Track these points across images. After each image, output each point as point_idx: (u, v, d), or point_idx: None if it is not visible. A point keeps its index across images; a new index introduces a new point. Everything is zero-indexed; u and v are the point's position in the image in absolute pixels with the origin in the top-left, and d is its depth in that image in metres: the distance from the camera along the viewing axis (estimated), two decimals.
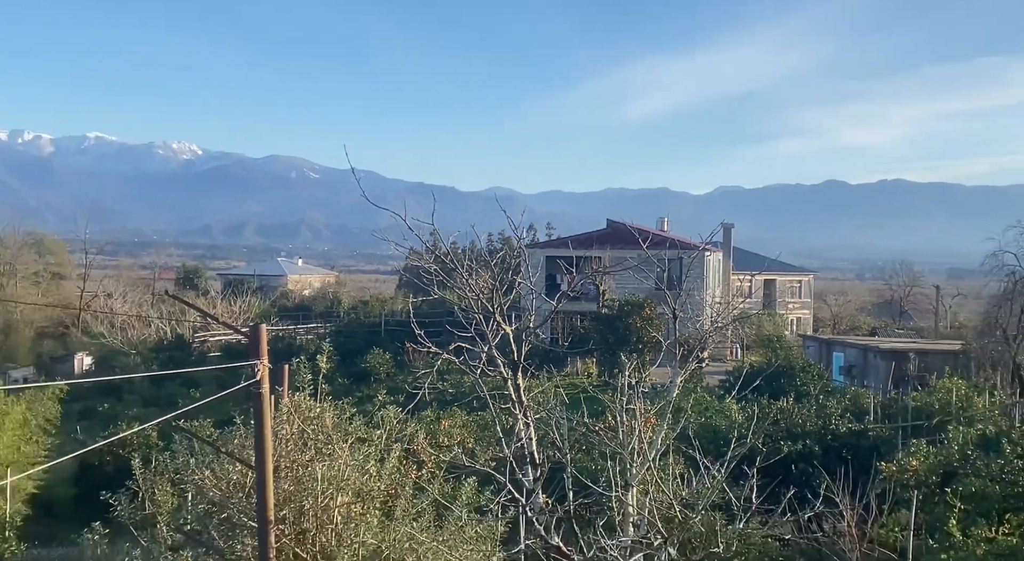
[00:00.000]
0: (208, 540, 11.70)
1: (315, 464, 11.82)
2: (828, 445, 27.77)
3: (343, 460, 11.97)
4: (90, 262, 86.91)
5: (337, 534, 11.44)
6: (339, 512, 11.58)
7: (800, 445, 26.91)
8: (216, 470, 12.36)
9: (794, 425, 28.86)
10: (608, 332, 53.24)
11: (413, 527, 11.76)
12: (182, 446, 13.22)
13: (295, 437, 12.16)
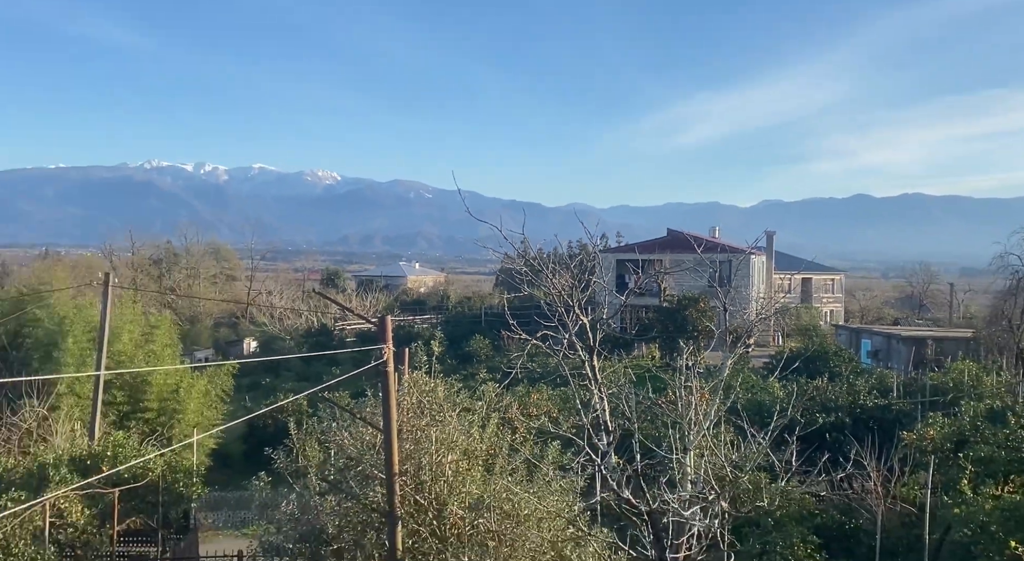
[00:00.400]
0: (347, 488, 11.97)
1: (430, 428, 11.99)
2: (857, 417, 27.22)
3: (452, 425, 12.12)
4: (254, 266, 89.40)
5: (448, 485, 11.59)
6: (449, 467, 11.73)
7: (833, 417, 26.39)
8: (352, 432, 12.65)
9: (827, 400, 28.33)
10: (668, 322, 52.76)
11: (509, 481, 11.84)
12: (326, 413, 13.52)
13: (414, 406, 12.36)
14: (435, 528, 11.39)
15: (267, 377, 48.27)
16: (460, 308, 74.98)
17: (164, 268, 78.47)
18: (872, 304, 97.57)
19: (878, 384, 33.18)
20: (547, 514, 11.58)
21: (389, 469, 11.13)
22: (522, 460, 12.60)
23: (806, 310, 72.33)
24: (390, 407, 11.27)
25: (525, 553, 11.16)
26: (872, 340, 56.96)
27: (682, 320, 51.58)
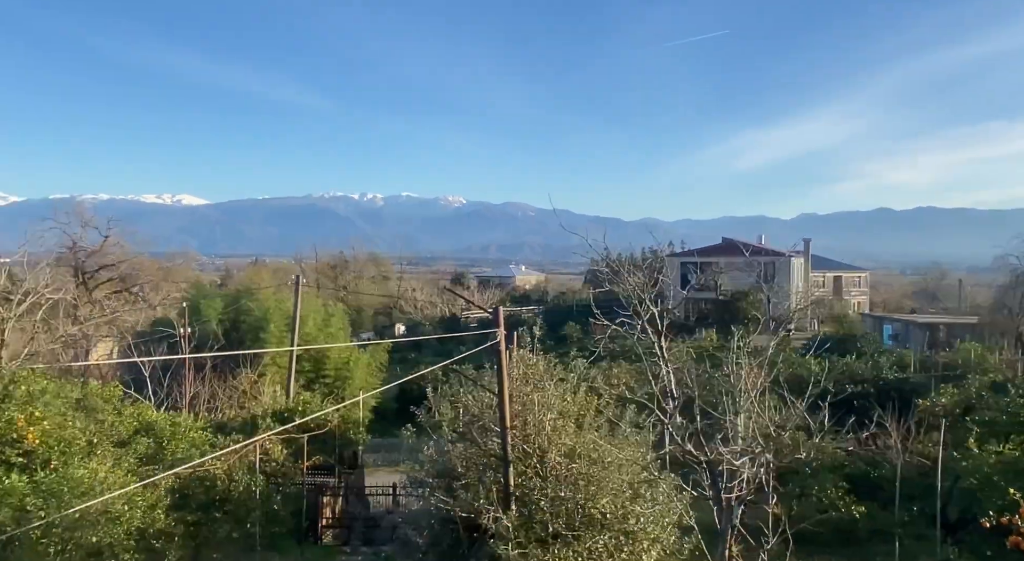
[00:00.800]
0: (471, 438, 12.08)
1: (533, 393, 11.98)
2: (880, 387, 25.82)
3: (550, 391, 12.08)
4: (402, 270, 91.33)
5: (547, 437, 11.55)
6: (548, 424, 11.69)
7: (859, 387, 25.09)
8: (475, 396, 12.75)
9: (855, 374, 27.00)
10: (723, 312, 51.19)
11: (595, 435, 11.73)
12: (455, 381, 13.69)
13: (521, 377, 12.36)
14: (538, 470, 11.37)
15: (412, 353, 49.03)
16: (556, 301, 74.70)
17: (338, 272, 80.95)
18: (893, 296, 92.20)
19: (898, 361, 31.47)
20: (626, 461, 11.41)
21: (503, 424, 11.17)
22: (605, 420, 12.46)
23: (837, 301, 68.98)
24: (503, 377, 11.31)
25: (608, 491, 11.02)
26: (893, 326, 53.85)
27: (735, 310, 49.96)
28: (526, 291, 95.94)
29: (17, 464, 13.56)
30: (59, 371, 25.93)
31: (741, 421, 11.86)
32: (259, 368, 29.65)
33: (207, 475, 15.81)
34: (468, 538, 11.29)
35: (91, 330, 34.44)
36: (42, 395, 15.01)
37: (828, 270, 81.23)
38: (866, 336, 43.14)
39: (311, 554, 18.76)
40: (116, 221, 46.96)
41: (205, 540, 15.47)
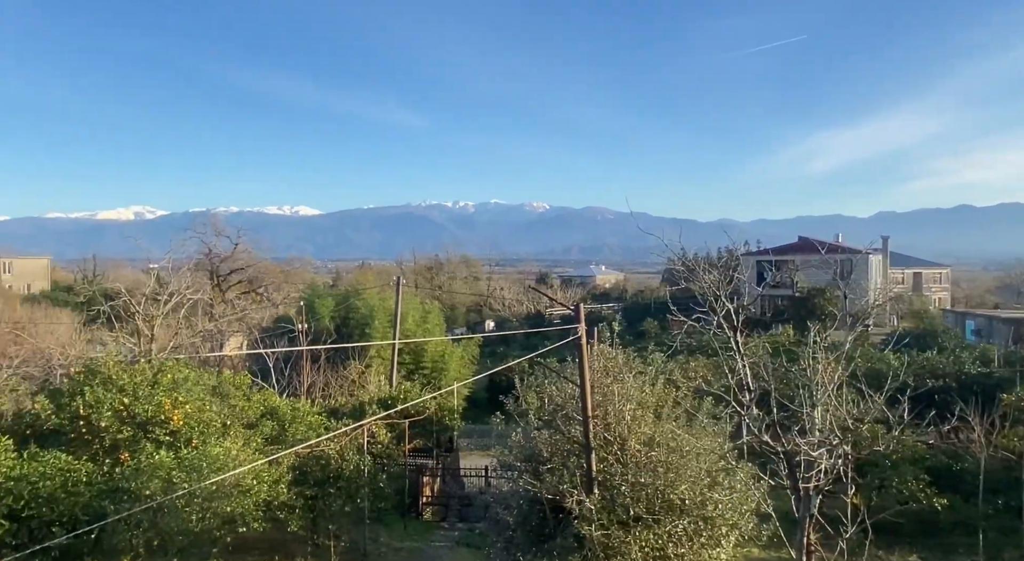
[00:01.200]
0: (556, 425, 12.05)
1: (613, 385, 11.82)
2: (962, 382, 23.99)
3: (629, 383, 11.88)
4: (491, 271, 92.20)
5: (627, 426, 11.38)
6: (628, 413, 11.51)
7: (940, 382, 23.45)
8: (558, 386, 12.70)
9: (936, 368, 25.21)
10: (800, 308, 48.88)
11: (673, 425, 11.46)
12: (540, 373, 13.68)
13: (601, 369, 12.23)
14: (619, 457, 11.22)
15: (501, 347, 49.37)
16: (635, 299, 73.55)
17: (433, 273, 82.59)
18: (975, 292, 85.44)
19: (980, 356, 29.14)
20: (703, 450, 11.09)
21: (584, 413, 11.09)
22: (683, 410, 12.16)
23: (917, 297, 64.59)
24: (584, 369, 11.22)
25: (687, 478, 10.74)
26: (975, 321, 49.93)
27: (811, 306, 47.64)
28: (606, 290, 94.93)
29: (164, 442, 14.54)
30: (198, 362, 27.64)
31: (818, 413, 11.29)
32: (366, 360, 30.63)
33: (322, 455, 16.45)
34: (554, 518, 11.26)
35: (224, 326, 36.55)
36: (184, 382, 16.02)
37: (907, 267, 76.30)
38: (947, 331, 40.29)
39: (413, 528, 19.23)
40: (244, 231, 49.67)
41: (321, 512, 16.12)
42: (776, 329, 48.43)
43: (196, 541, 12.99)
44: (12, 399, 19.22)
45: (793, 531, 11.39)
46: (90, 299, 38.49)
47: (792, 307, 50.56)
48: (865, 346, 32.30)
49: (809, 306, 47.82)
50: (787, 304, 52.63)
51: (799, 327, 44.55)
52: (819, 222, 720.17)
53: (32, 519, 12.47)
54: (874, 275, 60.75)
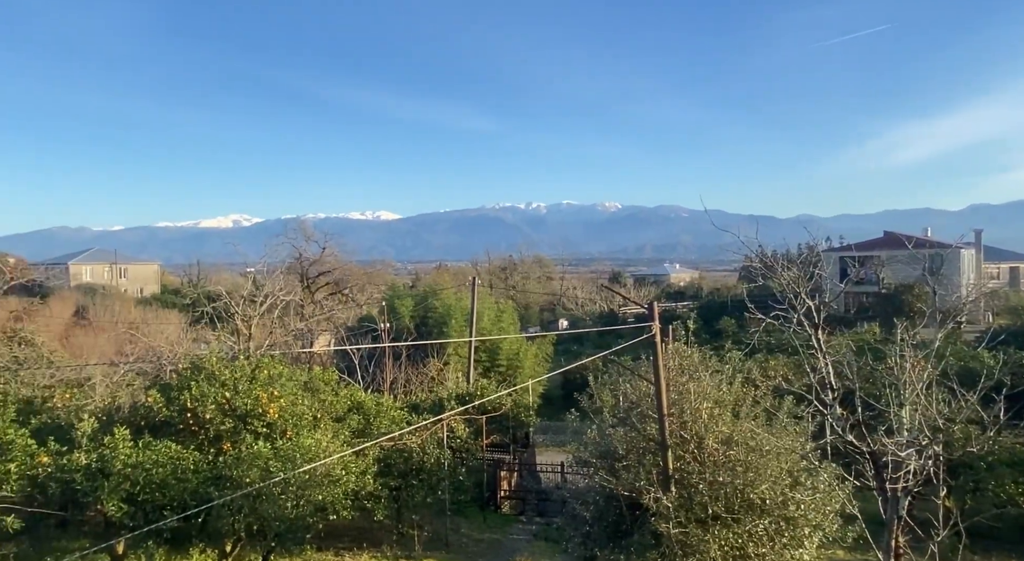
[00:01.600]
0: (631, 423, 11.89)
1: (689, 383, 11.56)
2: None
3: (706, 381, 11.59)
4: (564, 270, 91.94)
5: (704, 425, 11.09)
6: (705, 412, 11.22)
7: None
8: (632, 384, 12.52)
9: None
10: (886, 305, 46.36)
11: (752, 424, 11.09)
12: (614, 370, 13.53)
13: (677, 367, 11.98)
14: (695, 455, 10.95)
15: (574, 345, 49.19)
16: (711, 297, 71.49)
17: (507, 273, 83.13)
18: None
19: None
20: (784, 449, 10.67)
21: (660, 411, 10.89)
22: (762, 409, 11.73)
23: (1015, 293, 59.96)
24: (659, 366, 11.02)
25: (767, 478, 10.37)
26: None
27: (898, 303, 45.08)
28: (680, 288, 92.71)
29: (262, 433, 15.26)
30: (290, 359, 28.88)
31: (906, 413, 10.65)
32: (444, 358, 31.17)
33: (405, 448, 16.86)
34: (631, 515, 11.11)
35: (314, 325, 38.05)
36: (279, 378, 16.75)
37: (1002, 261, 71.04)
38: None
39: (492, 521, 19.43)
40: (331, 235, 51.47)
41: (405, 503, 16.54)
42: (860, 327, 46.11)
43: (291, 527, 13.58)
44: (129, 393, 20.64)
45: (880, 534, 10.80)
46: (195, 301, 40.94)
47: (878, 304, 48.04)
48: (957, 344, 30.20)
49: (896, 303, 45.28)
50: (872, 301, 50.04)
51: (885, 325, 42.18)
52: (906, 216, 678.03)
53: (147, 503, 13.35)
54: (967, 270, 56.83)
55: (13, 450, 13.32)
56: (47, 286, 59.15)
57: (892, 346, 10.43)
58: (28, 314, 40.09)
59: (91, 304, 48.18)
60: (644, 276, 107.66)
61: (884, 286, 50.70)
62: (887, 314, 44.04)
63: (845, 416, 10.33)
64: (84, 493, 12.95)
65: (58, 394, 18.23)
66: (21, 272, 44.14)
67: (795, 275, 11.20)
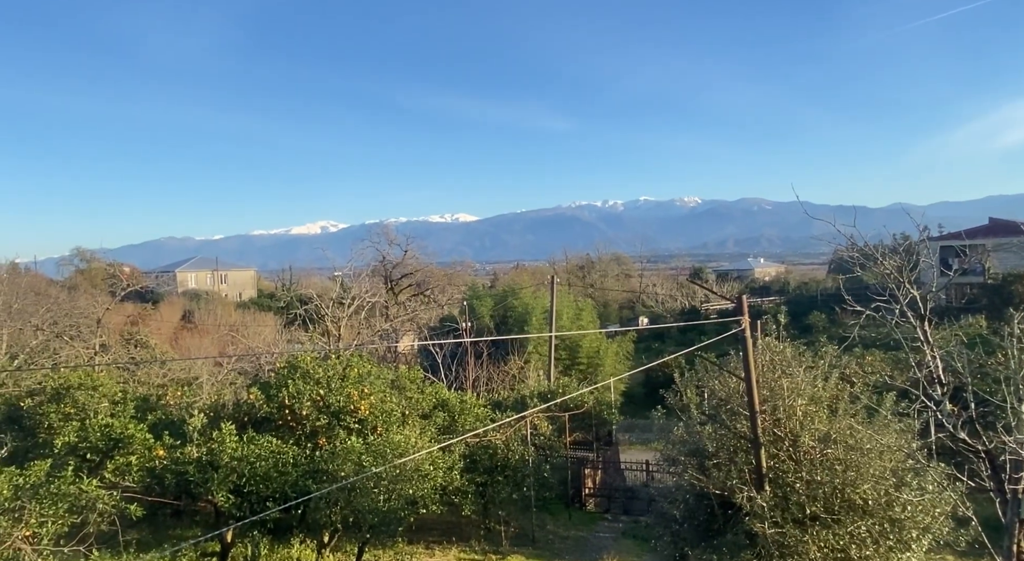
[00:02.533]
0: (721, 420, 11.59)
1: (782, 379, 11.13)
2: None
3: (799, 377, 11.13)
4: (643, 267, 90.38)
5: (799, 422, 10.66)
6: (800, 409, 10.78)
7: None
8: (720, 381, 12.19)
9: None
10: (994, 296, 42.97)
11: (851, 421, 10.55)
12: (701, 366, 13.21)
13: (768, 363, 11.57)
14: (791, 454, 10.54)
15: (655, 343, 48.49)
16: (799, 291, 68.50)
17: (585, 271, 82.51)
18: None
19: None
20: (887, 447, 10.09)
21: (751, 407, 10.54)
22: (862, 406, 11.14)
23: None
24: (749, 362, 10.67)
25: (869, 477, 9.85)
26: None
27: (1007, 294, 41.70)
28: (766, 283, 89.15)
29: (354, 429, 15.86)
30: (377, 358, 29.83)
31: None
32: (524, 356, 31.34)
33: (490, 444, 17.07)
34: (722, 514, 10.82)
35: (398, 325, 39.17)
36: (368, 376, 17.35)
37: None
38: None
39: (577, 518, 19.38)
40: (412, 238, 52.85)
41: (491, 498, 16.75)
42: (965, 319, 42.89)
43: (384, 520, 14.02)
44: (232, 391, 21.94)
45: (997, 538, 10.02)
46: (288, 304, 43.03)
47: (984, 295, 44.57)
48: None
49: (1005, 294, 41.91)
50: (978, 292, 46.47)
51: (992, 316, 39.08)
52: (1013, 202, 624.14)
53: (252, 494, 14.14)
54: None
55: (133, 443, 14.43)
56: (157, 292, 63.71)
57: (1008, 337, 9.66)
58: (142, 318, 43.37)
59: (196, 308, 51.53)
60: (727, 271, 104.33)
61: (991, 276, 46.97)
62: (994, 305, 40.79)
63: (956, 412, 9.65)
64: (196, 484, 13.85)
65: (170, 392, 19.59)
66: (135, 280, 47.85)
67: (897, 263, 10.56)
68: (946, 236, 61.53)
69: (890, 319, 10.70)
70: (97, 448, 14.47)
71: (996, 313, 38.80)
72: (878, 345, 27.43)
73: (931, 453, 11.19)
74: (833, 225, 11.04)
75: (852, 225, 11.50)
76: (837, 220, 11.75)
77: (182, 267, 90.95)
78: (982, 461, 9.37)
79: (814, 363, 12.01)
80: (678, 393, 12.91)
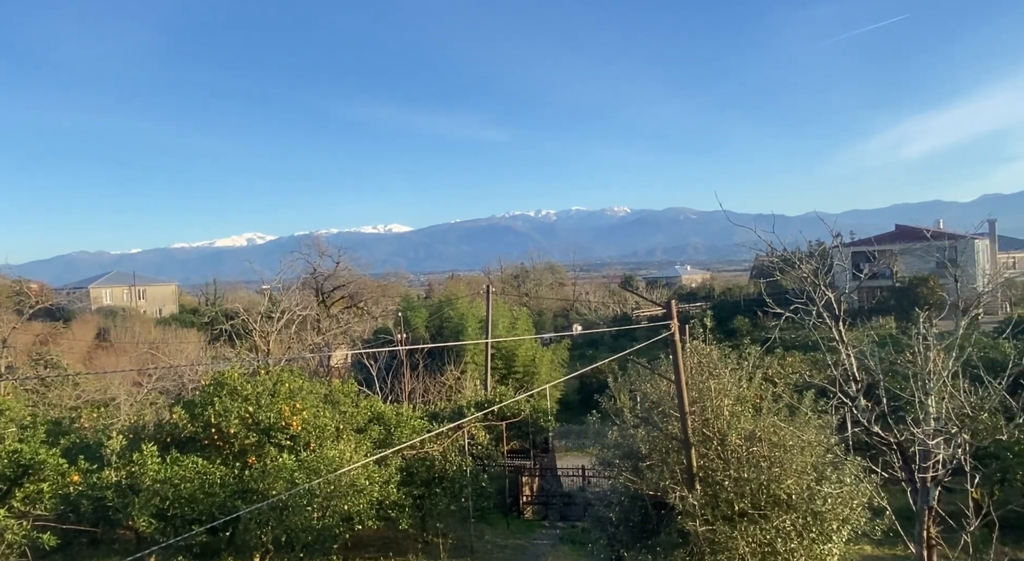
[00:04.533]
0: (653, 422, 11.81)
1: (709, 381, 11.48)
2: None
3: (725, 378, 11.50)
4: (575, 276, 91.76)
5: (726, 421, 11.00)
6: (726, 409, 11.13)
7: None
8: (652, 384, 12.45)
9: None
10: (901, 298, 45.94)
11: (775, 419, 10.98)
12: (633, 371, 13.46)
13: (696, 365, 11.90)
14: (719, 452, 10.86)
15: (589, 350, 49.04)
16: (724, 296, 71.09)
17: (520, 281, 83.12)
18: None
19: None
20: (808, 444, 10.55)
21: (682, 409, 10.81)
22: (784, 405, 11.61)
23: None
24: (679, 365, 10.95)
25: (792, 472, 10.26)
26: None
27: (913, 296, 44.66)
28: (692, 289, 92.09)
29: (286, 446, 15.32)
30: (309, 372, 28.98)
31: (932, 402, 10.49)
32: (461, 366, 31.13)
33: (427, 456, 16.84)
34: (656, 514, 11.02)
35: (330, 339, 38.22)
36: (300, 391, 16.83)
37: (1017, 250, 70.08)
38: None
39: (516, 526, 19.33)
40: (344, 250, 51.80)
41: (428, 511, 16.50)
42: (876, 321, 45.62)
43: (319, 538, 13.60)
44: (153, 411, 20.83)
45: (909, 527, 10.62)
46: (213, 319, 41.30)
47: (892, 297, 47.56)
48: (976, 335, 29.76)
49: (911, 296, 44.84)
50: (887, 294, 49.56)
51: (900, 318, 41.67)
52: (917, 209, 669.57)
53: (176, 518, 13.43)
54: (981, 260, 56.22)
55: (45, 470, 13.48)
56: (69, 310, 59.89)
57: (916, 337, 10.29)
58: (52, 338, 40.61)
59: (112, 326, 48.72)
60: (656, 279, 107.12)
61: (898, 279, 50.21)
62: (902, 307, 43.53)
63: (870, 408, 10.20)
64: (115, 509, 13.06)
65: (85, 414, 18.43)
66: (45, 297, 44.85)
67: (814, 268, 11.10)
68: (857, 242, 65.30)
69: (808, 321, 11.22)
70: (4, 476, 13.43)
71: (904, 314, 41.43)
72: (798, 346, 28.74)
73: (848, 447, 11.78)
74: (755, 233, 11.52)
75: (772, 232, 12.02)
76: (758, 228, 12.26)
77: (96, 283, 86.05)
78: (894, 453, 9.93)
79: (739, 365, 12.44)
80: (612, 398, 13.10)
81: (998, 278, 44.92)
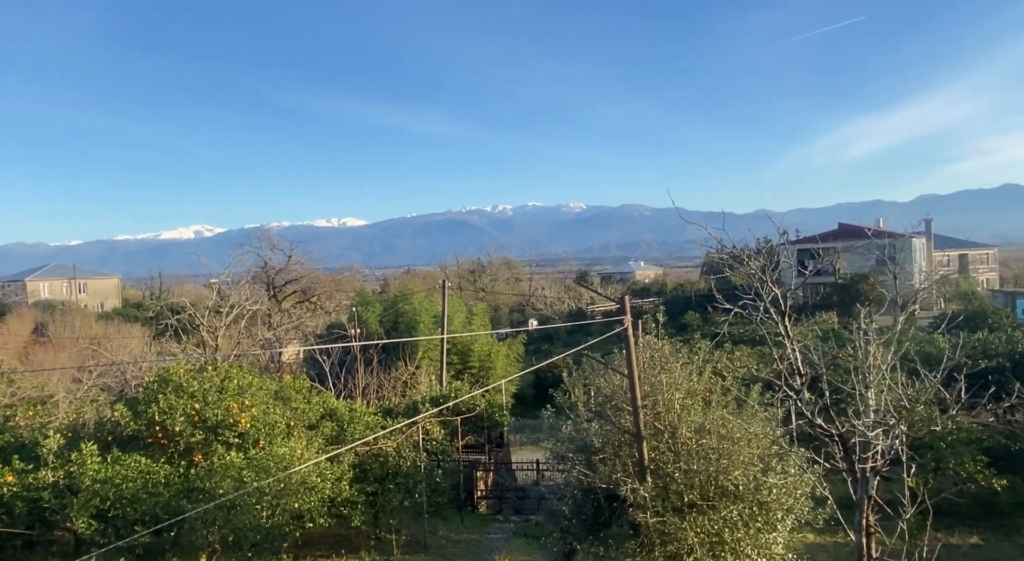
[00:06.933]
0: (606, 416, 11.94)
1: (661, 375, 11.67)
2: (1016, 361, 22.96)
3: (676, 373, 11.71)
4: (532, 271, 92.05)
5: (677, 415, 11.20)
6: (677, 402, 11.34)
7: (994, 362, 22.43)
8: (606, 379, 12.59)
9: (988, 348, 24.17)
10: (843, 294, 47.60)
11: (723, 412, 11.24)
12: (587, 366, 13.57)
13: (648, 360, 12.08)
14: (670, 445, 11.06)
15: (545, 345, 49.34)
16: (675, 292, 72.44)
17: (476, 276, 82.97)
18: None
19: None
20: (754, 436, 10.84)
21: (634, 403, 10.97)
22: (732, 398, 11.90)
23: (964, 279, 62.05)
24: (632, 359, 11.10)
25: (739, 464, 10.52)
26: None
27: (854, 292, 46.34)
28: (646, 285, 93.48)
29: (234, 444, 14.94)
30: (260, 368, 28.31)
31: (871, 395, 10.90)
32: (416, 361, 30.90)
33: (380, 452, 16.67)
34: (608, 507, 11.16)
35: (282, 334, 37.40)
36: (249, 388, 16.43)
37: (952, 249, 73.53)
38: (998, 312, 38.58)
39: (470, 521, 19.33)
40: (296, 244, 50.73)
41: (382, 507, 16.34)
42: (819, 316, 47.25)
43: (268, 537, 13.32)
44: (94, 409, 20.02)
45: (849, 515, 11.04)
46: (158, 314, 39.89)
47: (835, 294, 49.25)
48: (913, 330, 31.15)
49: (852, 292, 46.51)
50: (829, 291, 51.30)
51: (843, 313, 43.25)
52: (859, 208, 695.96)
53: (117, 519, 12.96)
54: (918, 258, 58.73)
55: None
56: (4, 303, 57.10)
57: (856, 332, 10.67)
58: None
59: (50, 320, 46.60)
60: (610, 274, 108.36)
61: (840, 276, 52.03)
62: (844, 303, 45.18)
63: (813, 401, 10.54)
64: (52, 511, 12.55)
65: (20, 412, 17.59)
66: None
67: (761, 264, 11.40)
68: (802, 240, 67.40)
69: (755, 316, 11.51)
70: None
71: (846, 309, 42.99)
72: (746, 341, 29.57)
73: (792, 439, 12.16)
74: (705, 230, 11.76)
75: (722, 230, 12.27)
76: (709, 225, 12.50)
77: (33, 275, 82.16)
78: (836, 444, 10.30)
79: (689, 359, 12.68)
80: (566, 392, 13.17)
81: (934, 275, 47.12)
